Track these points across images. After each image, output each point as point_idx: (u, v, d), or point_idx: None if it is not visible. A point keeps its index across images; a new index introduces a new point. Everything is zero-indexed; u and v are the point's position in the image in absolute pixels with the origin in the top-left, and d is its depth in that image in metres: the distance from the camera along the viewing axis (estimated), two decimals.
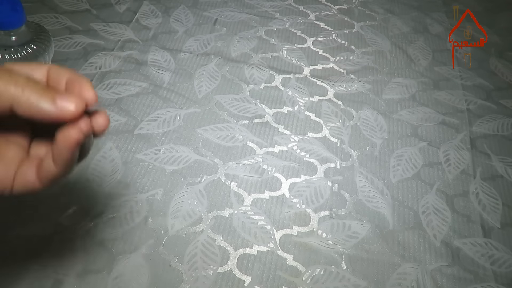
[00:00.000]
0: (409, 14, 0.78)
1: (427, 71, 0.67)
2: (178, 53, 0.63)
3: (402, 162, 0.54)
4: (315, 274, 0.43)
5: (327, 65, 0.65)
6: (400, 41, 0.72)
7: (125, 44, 0.63)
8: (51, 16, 0.65)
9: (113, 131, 0.52)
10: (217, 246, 0.44)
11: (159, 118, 0.54)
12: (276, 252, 0.44)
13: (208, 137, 0.53)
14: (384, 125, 0.58)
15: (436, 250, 0.47)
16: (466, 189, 0.53)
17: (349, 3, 0.78)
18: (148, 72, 0.59)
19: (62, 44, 0.61)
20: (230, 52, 0.64)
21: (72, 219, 0.43)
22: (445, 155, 0.56)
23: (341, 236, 0.46)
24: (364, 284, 0.43)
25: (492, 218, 0.50)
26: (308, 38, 0.69)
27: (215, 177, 0.49)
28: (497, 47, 0.74)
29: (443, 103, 0.63)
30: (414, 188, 0.52)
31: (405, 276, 0.44)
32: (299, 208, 0.48)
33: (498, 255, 0.47)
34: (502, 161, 0.57)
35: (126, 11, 0.68)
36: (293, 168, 0.51)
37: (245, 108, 0.57)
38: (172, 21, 0.68)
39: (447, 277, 0.45)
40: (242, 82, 0.60)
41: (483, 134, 0.60)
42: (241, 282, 0.42)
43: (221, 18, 0.70)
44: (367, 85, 0.63)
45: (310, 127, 0.56)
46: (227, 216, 0.46)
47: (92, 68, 0.58)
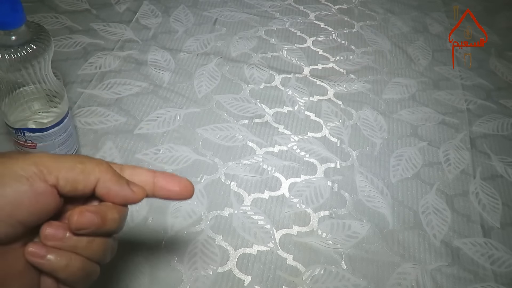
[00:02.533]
0: (409, 14, 0.78)
1: (427, 71, 0.67)
2: (178, 53, 0.63)
3: (402, 162, 0.54)
4: (315, 274, 0.43)
5: (327, 65, 0.65)
6: (400, 41, 0.72)
7: (125, 44, 0.63)
8: (51, 16, 0.65)
9: (113, 131, 0.52)
10: (217, 246, 0.44)
11: (159, 118, 0.54)
12: (276, 252, 0.44)
13: (208, 137, 0.53)
14: (384, 125, 0.58)
15: (436, 250, 0.47)
16: (466, 189, 0.53)
17: (349, 3, 0.78)
18: (148, 72, 0.59)
19: (62, 44, 0.61)
20: (230, 52, 0.64)
21: None
22: (445, 155, 0.56)
23: (341, 236, 0.46)
24: (364, 284, 0.43)
25: (492, 218, 0.50)
26: (308, 38, 0.69)
27: (215, 177, 0.49)
28: (497, 47, 0.74)
29: (443, 103, 0.63)
30: (414, 188, 0.52)
31: (405, 276, 0.44)
32: (299, 208, 0.48)
33: (498, 255, 0.47)
34: (502, 161, 0.57)
35: (126, 11, 0.68)
36: (293, 168, 0.51)
37: (245, 108, 0.57)
38: (172, 21, 0.68)
39: (447, 277, 0.45)
40: (242, 82, 0.60)
41: (483, 134, 0.60)
42: (241, 282, 0.42)
43: (221, 18, 0.70)
44: (367, 85, 0.63)
45: (310, 127, 0.56)
46: (227, 216, 0.46)
47: (92, 68, 0.58)
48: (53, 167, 0.22)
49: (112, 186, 0.24)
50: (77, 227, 0.22)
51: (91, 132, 0.51)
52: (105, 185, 0.24)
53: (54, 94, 0.39)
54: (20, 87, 0.37)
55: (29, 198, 0.21)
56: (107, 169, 0.24)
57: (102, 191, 0.24)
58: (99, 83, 0.57)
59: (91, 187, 0.23)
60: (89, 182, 0.23)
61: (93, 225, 0.23)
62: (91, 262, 0.24)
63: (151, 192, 0.26)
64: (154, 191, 0.26)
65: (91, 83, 0.57)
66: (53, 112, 0.40)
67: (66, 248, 0.23)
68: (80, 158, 0.24)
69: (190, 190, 0.26)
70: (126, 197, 0.24)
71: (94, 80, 0.57)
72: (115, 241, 0.26)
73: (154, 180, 0.26)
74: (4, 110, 0.39)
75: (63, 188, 0.23)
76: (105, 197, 0.24)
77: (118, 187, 0.24)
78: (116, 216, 0.24)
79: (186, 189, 0.26)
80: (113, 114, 0.53)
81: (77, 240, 0.23)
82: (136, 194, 0.25)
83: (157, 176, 0.26)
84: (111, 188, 0.24)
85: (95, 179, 0.23)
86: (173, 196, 0.26)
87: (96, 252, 0.24)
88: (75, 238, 0.23)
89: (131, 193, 0.25)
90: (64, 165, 0.23)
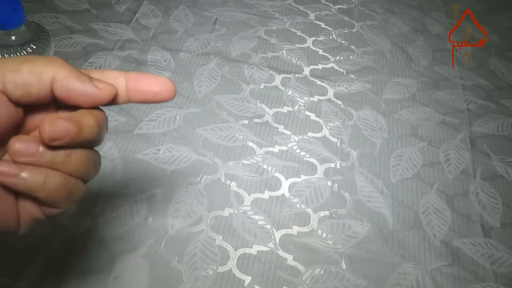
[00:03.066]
0: (409, 14, 0.78)
1: (427, 71, 0.67)
2: (178, 53, 0.63)
3: (402, 162, 0.54)
4: (315, 274, 0.43)
5: (327, 65, 0.65)
6: (400, 41, 0.72)
7: (125, 44, 0.63)
8: (51, 16, 0.65)
9: (113, 131, 0.52)
10: (217, 246, 0.44)
11: (159, 118, 0.54)
12: (276, 252, 0.44)
13: (208, 137, 0.53)
14: (384, 125, 0.58)
15: (436, 250, 0.47)
16: (466, 189, 0.53)
17: (349, 3, 0.78)
18: (148, 71, 0.59)
19: (62, 44, 0.61)
20: (230, 52, 0.64)
21: (72, 219, 0.43)
22: (445, 155, 0.56)
23: (341, 236, 0.46)
24: (364, 284, 0.43)
25: (492, 218, 0.50)
26: (308, 38, 0.69)
27: (215, 177, 0.49)
28: (497, 47, 0.74)
29: (443, 103, 0.63)
30: (414, 188, 0.52)
31: (405, 276, 0.44)
32: (299, 208, 0.48)
33: (498, 255, 0.47)
34: (502, 161, 0.57)
35: (126, 10, 0.68)
36: (293, 168, 0.51)
37: (245, 108, 0.57)
38: (172, 21, 0.68)
39: (447, 277, 0.45)
40: (242, 82, 0.60)
41: (483, 134, 0.60)
42: (241, 282, 0.42)
43: (221, 18, 0.70)
44: (367, 85, 0.63)
45: (310, 127, 0.56)
46: (227, 216, 0.46)
47: (92, 68, 0.58)
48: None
49: (71, 84, 0.20)
50: (50, 137, 0.19)
51: None
52: (63, 84, 0.20)
53: None
54: None
55: None
56: (62, 65, 0.21)
57: (61, 91, 0.20)
58: None
59: (46, 88, 0.20)
60: (42, 82, 0.20)
61: (68, 134, 0.20)
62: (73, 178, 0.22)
63: (125, 96, 0.22)
64: (128, 95, 0.22)
65: None
66: None
67: (41, 164, 0.20)
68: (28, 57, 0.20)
69: (170, 89, 0.23)
70: (92, 95, 0.21)
71: None
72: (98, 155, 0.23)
73: (127, 81, 0.22)
74: None
75: (13, 93, 0.20)
76: (66, 98, 0.21)
77: (79, 83, 0.20)
78: (92, 122, 0.21)
79: (166, 87, 0.23)
80: (113, 114, 0.53)
81: (53, 154, 0.20)
82: (103, 91, 0.21)
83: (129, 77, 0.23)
84: (70, 86, 0.20)
85: (49, 78, 0.20)
86: (151, 98, 0.23)
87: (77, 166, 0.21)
88: (51, 152, 0.20)
89: (96, 90, 0.21)
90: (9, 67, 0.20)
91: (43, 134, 0.19)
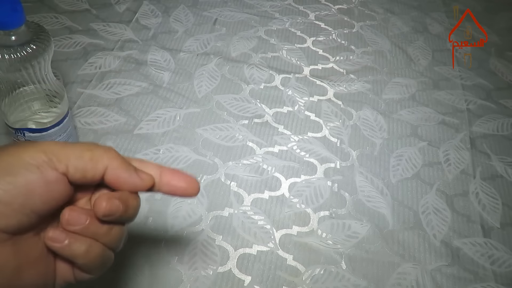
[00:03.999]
0: (409, 14, 0.78)
1: (427, 71, 0.67)
2: (178, 53, 0.63)
3: (402, 162, 0.54)
4: (315, 274, 0.43)
5: (327, 65, 0.65)
6: (400, 41, 0.72)
7: (125, 44, 0.63)
8: (51, 16, 0.65)
9: (113, 131, 0.52)
10: (217, 246, 0.44)
11: (159, 118, 0.54)
12: (276, 252, 0.44)
13: (208, 137, 0.53)
14: (384, 125, 0.58)
15: (436, 250, 0.47)
16: (466, 189, 0.53)
17: (349, 3, 0.78)
18: (148, 72, 0.59)
19: (62, 44, 0.61)
20: (230, 52, 0.64)
21: None
22: (445, 155, 0.56)
23: (341, 236, 0.46)
24: (364, 284, 0.43)
25: (492, 218, 0.50)
26: (308, 38, 0.69)
27: (215, 177, 0.49)
28: (497, 47, 0.74)
29: (443, 103, 0.63)
30: (414, 188, 0.52)
31: (405, 276, 0.44)
32: (299, 208, 0.48)
33: (498, 255, 0.47)
34: (502, 161, 0.57)
35: (126, 11, 0.68)
36: (293, 168, 0.51)
37: (245, 108, 0.57)
38: (172, 21, 0.68)
39: (447, 277, 0.45)
40: (242, 82, 0.60)
41: (483, 134, 0.60)
42: (241, 282, 0.42)
43: (221, 18, 0.70)
44: (367, 85, 0.63)
45: (310, 127, 0.56)
46: (227, 216, 0.46)
47: (91, 68, 0.58)
48: (62, 155, 0.22)
49: (120, 173, 0.24)
50: (105, 213, 0.23)
51: (91, 132, 0.51)
52: (114, 172, 0.24)
53: (54, 94, 0.39)
54: (20, 87, 0.37)
55: (40, 187, 0.22)
56: (115, 156, 0.24)
57: (111, 178, 0.24)
58: (99, 83, 0.57)
59: (100, 174, 0.24)
60: (98, 169, 0.23)
61: (118, 212, 0.23)
62: (108, 249, 0.24)
63: (157, 186, 0.26)
64: (160, 186, 0.26)
65: (91, 83, 0.57)
66: (53, 112, 0.40)
67: (86, 234, 0.23)
68: (88, 146, 0.24)
69: (195, 188, 0.26)
70: (135, 184, 0.24)
71: (94, 80, 0.57)
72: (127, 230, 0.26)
73: (161, 174, 0.26)
74: (4, 110, 0.39)
75: (73, 176, 0.23)
76: (114, 184, 0.24)
77: (127, 174, 0.24)
78: (135, 204, 0.25)
79: (192, 186, 0.26)
80: (113, 114, 0.53)
81: (98, 227, 0.23)
82: (145, 181, 0.25)
83: (163, 171, 0.26)
84: (120, 175, 0.24)
85: (103, 167, 0.23)
86: (178, 192, 0.26)
87: (114, 239, 0.24)
88: (97, 224, 0.23)
89: (139, 180, 0.25)
90: (73, 153, 0.23)
91: (99, 209, 0.23)
